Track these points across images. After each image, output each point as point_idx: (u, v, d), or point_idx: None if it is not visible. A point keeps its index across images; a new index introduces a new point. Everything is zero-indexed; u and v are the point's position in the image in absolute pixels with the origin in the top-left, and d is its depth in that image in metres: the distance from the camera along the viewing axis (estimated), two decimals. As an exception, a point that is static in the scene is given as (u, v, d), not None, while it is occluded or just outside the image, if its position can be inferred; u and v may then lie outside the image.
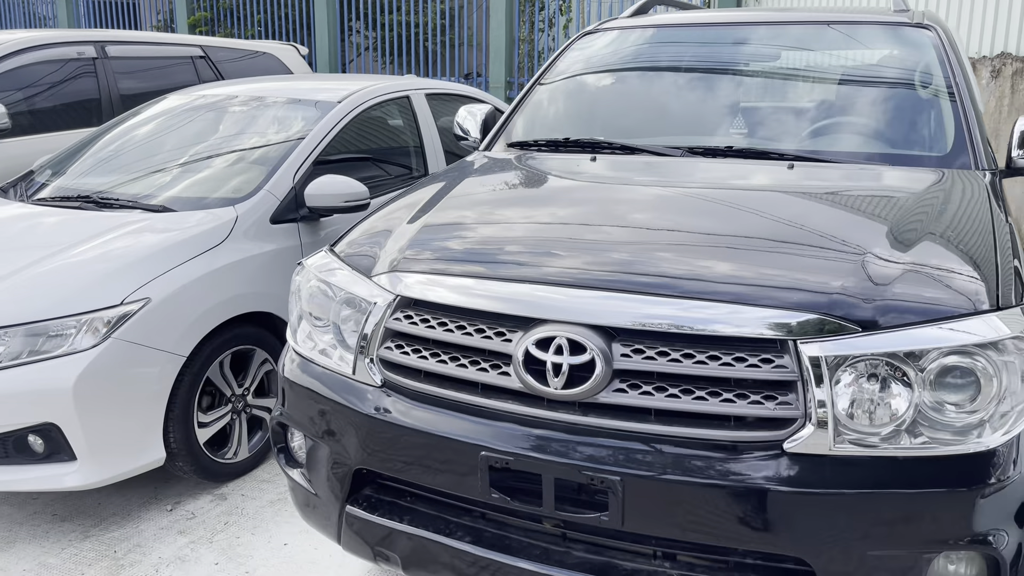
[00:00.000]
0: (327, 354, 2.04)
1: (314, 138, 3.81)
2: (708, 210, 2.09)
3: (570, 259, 1.85)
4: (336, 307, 2.03)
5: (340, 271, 2.08)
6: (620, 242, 1.93)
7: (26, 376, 2.77)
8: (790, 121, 2.77)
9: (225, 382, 3.26)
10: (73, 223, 3.33)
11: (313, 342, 2.10)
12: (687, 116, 2.89)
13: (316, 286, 2.11)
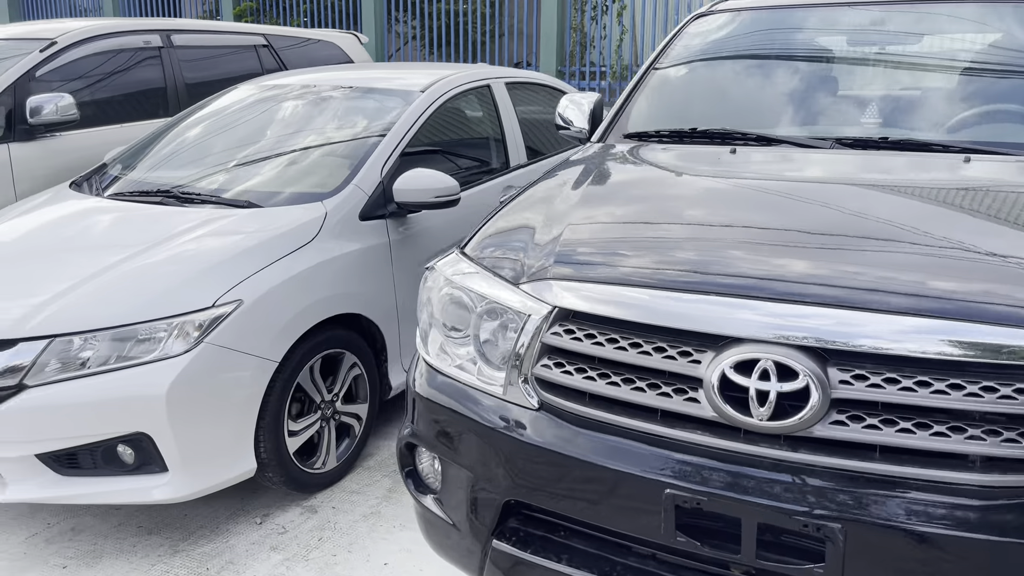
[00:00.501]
0: (465, 369, 1.84)
1: (400, 129, 3.61)
2: (903, 210, 1.84)
3: (761, 267, 1.62)
4: (476, 318, 1.83)
5: (478, 277, 1.87)
6: (816, 247, 1.68)
7: (115, 383, 2.61)
8: (942, 109, 2.51)
9: (315, 388, 3.08)
10: (155, 219, 3.16)
11: (447, 355, 1.90)
12: (824, 104, 2.65)
13: (451, 293, 1.90)
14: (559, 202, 2.10)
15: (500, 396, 1.75)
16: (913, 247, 1.66)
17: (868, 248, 1.66)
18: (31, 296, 2.74)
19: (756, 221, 1.84)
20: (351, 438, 3.30)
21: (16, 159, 4.26)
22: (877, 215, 1.81)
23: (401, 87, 3.92)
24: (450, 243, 3.67)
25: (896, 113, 2.57)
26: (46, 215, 3.34)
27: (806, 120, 2.57)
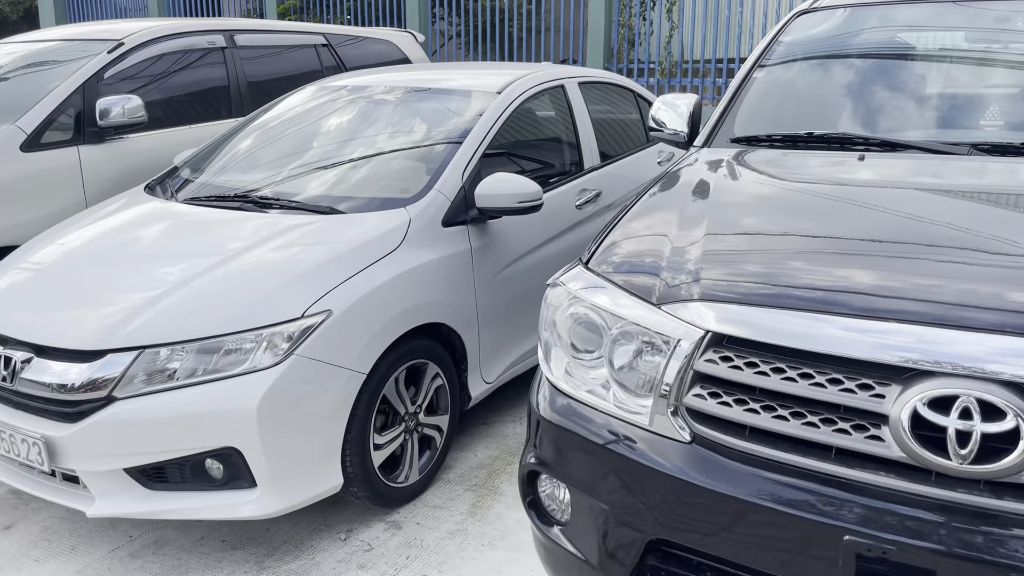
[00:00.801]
0: (597, 394, 1.73)
1: (479, 132, 3.51)
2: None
3: (953, 292, 1.48)
4: (610, 340, 1.72)
5: (609, 294, 1.76)
6: (1012, 269, 1.53)
7: (205, 396, 2.54)
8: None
9: (400, 399, 3.00)
10: (235, 226, 3.09)
11: (574, 377, 1.79)
12: (944, 105, 2.49)
13: (578, 312, 1.79)
14: (687, 212, 1.98)
15: (645, 427, 1.63)
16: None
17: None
18: (117, 306, 2.68)
19: (925, 237, 1.70)
20: (432, 451, 3.21)
21: (86, 162, 4.23)
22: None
23: (476, 88, 3.82)
24: (528, 249, 3.56)
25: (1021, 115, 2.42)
26: (124, 220, 3.29)
27: (930, 123, 2.42)
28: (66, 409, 2.60)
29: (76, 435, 2.55)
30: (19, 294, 2.88)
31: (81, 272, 2.92)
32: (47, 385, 2.60)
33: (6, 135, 3.97)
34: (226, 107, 4.98)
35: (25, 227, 3.94)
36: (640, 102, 4.87)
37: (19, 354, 2.66)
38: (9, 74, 4.57)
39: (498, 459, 3.42)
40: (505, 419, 3.79)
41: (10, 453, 2.68)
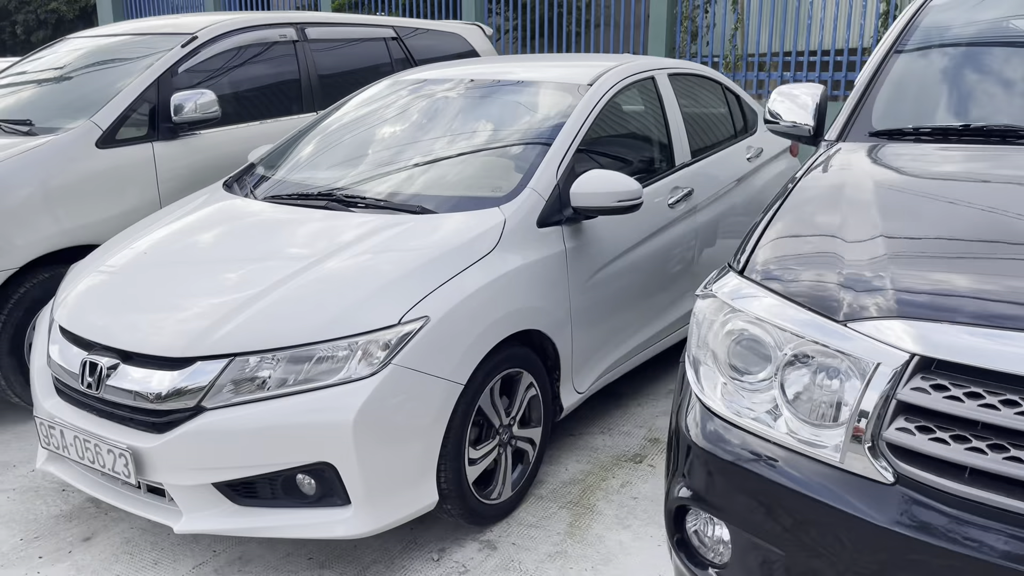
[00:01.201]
0: (764, 422, 1.53)
1: (572, 127, 3.31)
2: None
3: None
4: (781, 362, 1.51)
5: (780, 309, 1.55)
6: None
7: (299, 408, 2.39)
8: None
9: (495, 411, 2.82)
10: (323, 226, 2.94)
11: (733, 401, 1.59)
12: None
13: (740, 328, 1.59)
14: (854, 215, 1.76)
15: (833, 463, 1.43)
16: None
17: None
18: (205, 310, 2.54)
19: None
20: (524, 465, 3.03)
21: (160, 158, 4.13)
22: None
23: (565, 80, 3.62)
24: (622, 250, 3.36)
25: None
26: (206, 219, 3.16)
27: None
28: (153, 419, 2.47)
29: (164, 447, 2.42)
30: (103, 297, 2.77)
31: (165, 274, 2.79)
32: (134, 393, 2.47)
33: (82, 131, 3.88)
34: (297, 102, 4.86)
35: (100, 226, 3.85)
36: (728, 95, 4.63)
37: (105, 360, 2.54)
38: (81, 70, 4.49)
39: (590, 474, 3.23)
40: (592, 430, 3.60)
41: (95, 463, 2.56)
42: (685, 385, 1.76)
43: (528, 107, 3.52)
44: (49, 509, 3.05)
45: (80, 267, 3.10)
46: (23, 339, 3.64)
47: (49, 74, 4.56)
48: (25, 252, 3.59)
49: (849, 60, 9.52)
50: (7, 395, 3.68)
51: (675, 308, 3.86)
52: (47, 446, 2.70)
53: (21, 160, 3.66)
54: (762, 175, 4.61)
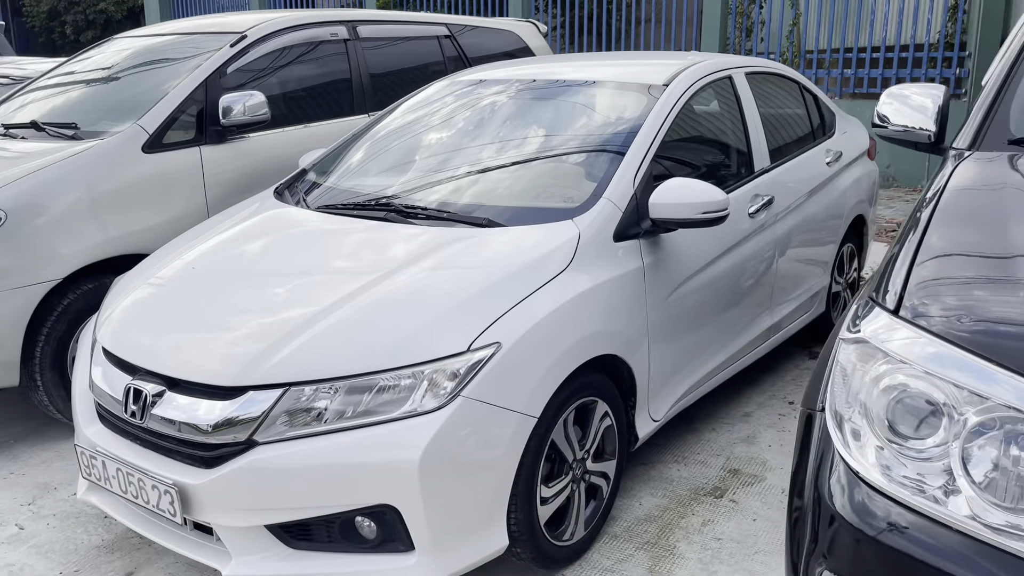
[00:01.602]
0: (936, 498, 1.26)
1: (649, 131, 3.05)
2: None
3: None
4: (962, 427, 1.24)
5: (959, 362, 1.28)
6: None
7: (359, 444, 2.17)
8: None
9: (568, 445, 2.57)
10: (382, 240, 2.72)
11: (892, 468, 1.32)
12: None
13: (903, 383, 1.32)
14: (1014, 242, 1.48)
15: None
16: None
17: None
18: (257, 333, 2.33)
19: None
20: (598, 501, 2.78)
21: (207, 163, 3.95)
22: None
23: (638, 80, 3.36)
24: (701, 265, 3.08)
25: None
26: (256, 230, 2.96)
27: None
28: (202, 453, 2.26)
29: (213, 484, 2.21)
30: (148, 315, 2.58)
31: (213, 290, 2.59)
32: (181, 424, 2.27)
33: (128, 135, 3.71)
34: (348, 103, 4.65)
35: (146, 234, 3.68)
36: (805, 95, 4.32)
37: (150, 387, 2.34)
38: (127, 71, 4.34)
39: (668, 510, 2.97)
40: (666, 459, 3.33)
41: (138, 499, 2.36)
42: (821, 440, 1.49)
43: (598, 109, 3.26)
44: (91, 539, 2.87)
45: (125, 280, 2.92)
46: (66, 352, 3.48)
47: (95, 75, 4.41)
48: (70, 262, 3.43)
49: (915, 56, 9.10)
50: (49, 411, 3.53)
51: (754, 326, 3.58)
52: (88, 476, 2.51)
53: (66, 166, 3.49)
54: (842, 180, 4.30)
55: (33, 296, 3.34)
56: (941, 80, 8.97)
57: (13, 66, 6.19)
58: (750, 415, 3.71)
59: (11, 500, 3.12)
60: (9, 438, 3.63)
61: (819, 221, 4.01)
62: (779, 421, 3.64)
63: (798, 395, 3.90)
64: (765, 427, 3.59)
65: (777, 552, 2.70)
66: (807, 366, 4.26)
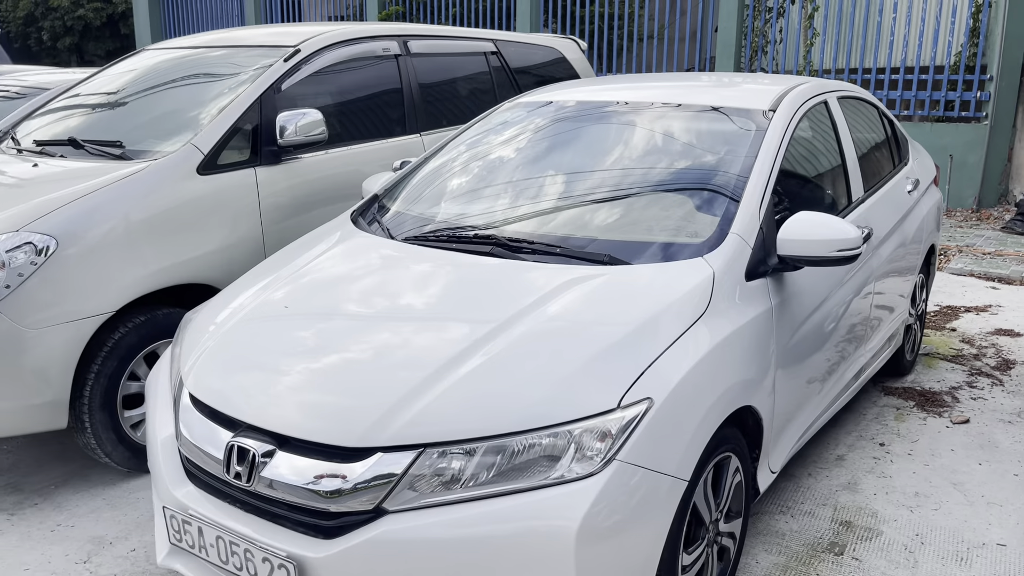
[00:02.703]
0: None
1: (766, 160, 2.85)
2: None
3: None
4: None
5: None
6: None
7: (502, 515, 1.93)
8: None
9: (707, 507, 2.34)
10: (496, 279, 2.48)
11: None
12: None
13: None
14: None
15: None
16: None
17: None
18: (378, 387, 2.08)
19: None
20: (724, 563, 2.55)
21: (263, 185, 3.69)
22: None
23: (738, 105, 3.16)
24: (819, 302, 2.88)
25: None
26: (348, 266, 2.71)
27: None
28: (322, 521, 2.01)
29: (337, 558, 1.96)
30: (244, 361, 2.31)
31: (317, 335, 2.33)
32: (298, 489, 2.01)
33: (183, 156, 3.44)
34: (400, 122, 4.42)
35: (200, 261, 3.41)
36: (883, 120, 4.15)
37: (258, 445, 2.08)
38: (166, 86, 4.07)
39: (788, 569, 2.75)
40: (770, 510, 3.11)
41: (242, 571, 2.09)
42: None
43: (702, 135, 3.05)
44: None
45: (202, 318, 2.65)
46: (116, 392, 3.20)
47: (128, 90, 4.13)
48: (124, 293, 3.16)
49: (935, 79, 9.03)
50: (96, 455, 3.24)
51: (853, 364, 3.38)
52: (178, 543, 2.24)
53: (118, 188, 3.22)
54: (920, 209, 4.13)
55: (85, 331, 3.06)
56: (960, 103, 8.90)
57: (12, 77, 5.87)
58: (843, 458, 3.50)
59: (63, 557, 2.83)
60: (49, 483, 3.33)
61: (904, 250, 3.83)
62: (876, 466, 3.44)
63: (885, 435, 3.70)
64: (863, 472, 3.38)
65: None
66: (884, 403, 4.07)
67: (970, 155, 8.77)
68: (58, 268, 2.99)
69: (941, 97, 9.03)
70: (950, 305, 5.70)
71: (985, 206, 8.75)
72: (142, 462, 3.31)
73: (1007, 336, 5.05)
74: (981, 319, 5.41)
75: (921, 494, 3.21)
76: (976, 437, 3.69)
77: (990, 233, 7.87)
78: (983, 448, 3.59)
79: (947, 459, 3.49)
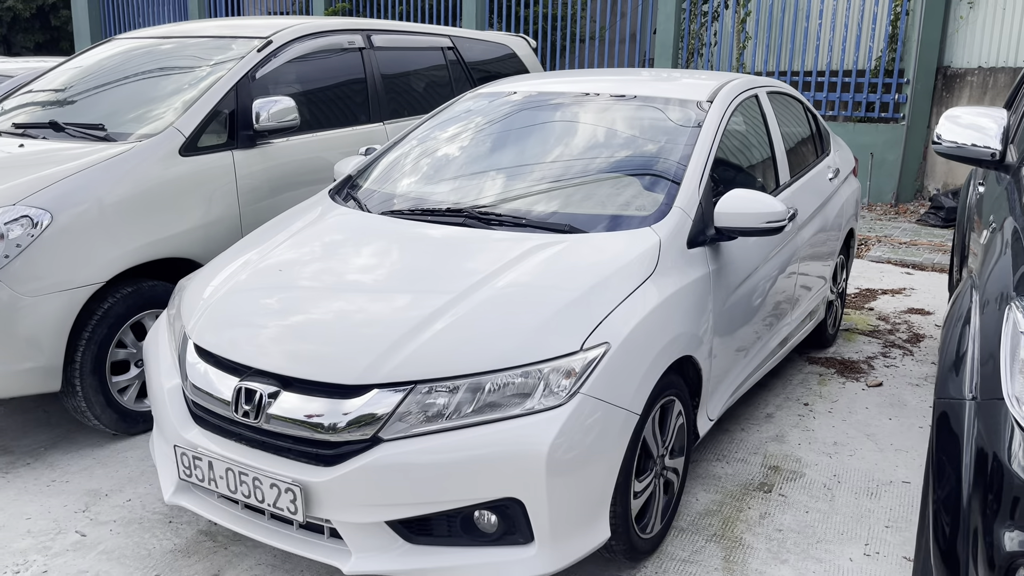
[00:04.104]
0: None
1: (704, 144, 3.22)
2: None
3: None
4: None
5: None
6: None
7: (483, 440, 2.24)
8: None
9: (655, 441, 2.70)
10: (471, 244, 2.79)
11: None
12: None
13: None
14: None
15: None
16: None
17: None
18: (372, 335, 2.37)
19: None
20: (669, 496, 2.91)
21: (239, 167, 3.93)
22: None
23: (680, 96, 3.53)
24: (751, 270, 3.26)
25: None
26: (335, 234, 2.99)
27: None
28: (324, 451, 2.29)
29: (337, 482, 2.24)
30: (246, 317, 2.58)
31: (311, 293, 2.61)
32: (302, 423, 2.29)
33: (166, 138, 3.66)
34: (364, 110, 4.69)
35: (183, 237, 3.64)
36: (807, 114, 4.59)
37: (264, 387, 2.35)
38: (143, 74, 4.26)
39: (724, 504, 3.12)
40: (708, 458, 3.49)
41: (250, 498, 2.37)
42: (1000, 421, 1.66)
43: (648, 122, 3.41)
44: (161, 544, 2.83)
45: (196, 284, 2.90)
46: (106, 357, 3.41)
47: (104, 77, 4.31)
48: (114, 265, 3.37)
49: (857, 82, 9.65)
50: (85, 417, 3.44)
51: (779, 332, 3.79)
52: (187, 477, 2.49)
53: (108, 167, 3.44)
54: (839, 196, 4.58)
55: (77, 299, 3.27)
56: (880, 105, 9.53)
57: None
58: (771, 416, 3.91)
59: (62, 508, 3.04)
60: (39, 446, 3.52)
61: (825, 234, 4.26)
62: (800, 421, 3.85)
63: (809, 397, 4.12)
64: (789, 427, 3.79)
65: (837, 540, 2.89)
66: (809, 370, 4.50)
67: (889, 153, 9.40)
68: (53, 240, 3.19)
69: (863, 99, 9.64)
70: (869, 288, 6.21)
71: (903, 201, 9.39)
72: (129, 425, 3.53)
73: (919, 314, 5.57)
74: (896, 300, 5.93)
75: (839, 443, 3.63)
76: (888, 397, 4.15)
77: (907, 225, 8.47)
78: (893, 406, 4.04)
79: (862, 415, 3.93)
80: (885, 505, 3.13)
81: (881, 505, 3.13)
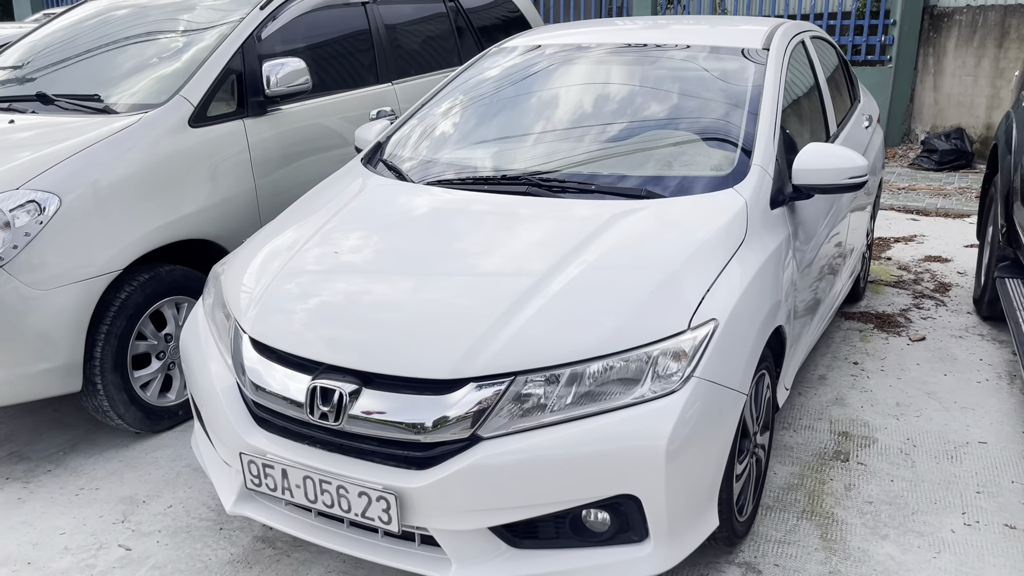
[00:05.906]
0: None
1: (771, 94, 3.01)
2: None
3: None
4: None
5: None
6: None
7: (591, 435, 2.03)
8: None
9: (752, 420, 2.51)
10: (543, 216, 2.55)
11: None
12: None
13: None
14: None
15: None
16: None
17: None
18: (458, 323, 2.14)
19: None
20: (759, 472, 2.74)
21: (251, 136, 3.61)
22: None
23: (733, 44, 3.29)
24: (819, 229, 3.08)
25: None
26: (386, 211, 2.72)
27: None
28: (416, 453, 2.07)
29: (434, 487, 2.02)
30: (309, 308, 2.32)
31: (378, 280, 2.35)
32: (390, 424, 2.06)
33: (173, 108, 3.33)
34: (372, 71, 4.37)
35: (199, 216, 3.34)
36: (840, 60, 4.38)
37: (343, 385, 2.11)
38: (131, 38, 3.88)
39: (805, 477, 2.97)
40: (775, 427, 3.33)
41: (333, 508, 2.13)
42: None
43: (705, 73, 3.17)
44: (216, 554, 2.59)
45: (235, 271, 2.62)
46: (126, 352, 3.12)
47: (91, 41, 3.93)
48: (131, 249, 3.07)
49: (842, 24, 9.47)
50: (107, 418, 3.16)
51: (835, 290, 3.63)
52: (256, 487, 2.25)
53: (114, 142, 3.11)
54: (873, 144, 4.41)
55: (95, 289, 2.97)
56: (866, 47, 9.37)
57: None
58: (825, 378, 3.76)
59: (98, 519, 2.78)
60: (56, 449, 3.24)
61: (867, 186, 4.09)
62: (856, 382, 3.71)
63: (856, 355, 3.99)
64: (846, 388, 3.65)
65: (932, 511, 2.75)
66: (847, 327, 4.36)
67: (876, 97, 9.26)
68: (63, 226, 2.88)
69: (848, 42, 9.46)
70: (881, 236, 6.09)
71: (891, 145, 9.29)
72: (154, 422, 3.26)
73: (938, 262, 5.46)
74: (910, 248, 5.82)
75: (902, 404, 3.50)
76: (936, 352, 4.03)
77: (901, 170, 8.38)
78: (943, 361, 3.92)
79: (915, 372, 3.80)
80: (969, 469, 3.01)
81: (965, 469, 3.00)
